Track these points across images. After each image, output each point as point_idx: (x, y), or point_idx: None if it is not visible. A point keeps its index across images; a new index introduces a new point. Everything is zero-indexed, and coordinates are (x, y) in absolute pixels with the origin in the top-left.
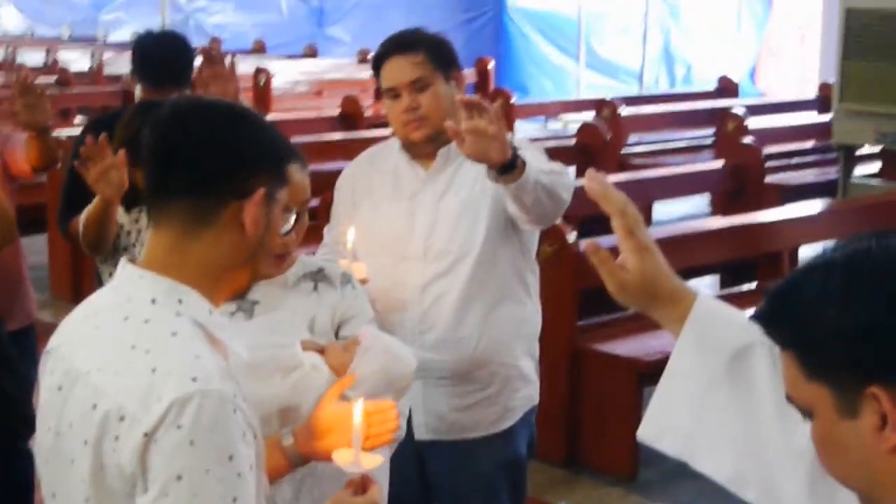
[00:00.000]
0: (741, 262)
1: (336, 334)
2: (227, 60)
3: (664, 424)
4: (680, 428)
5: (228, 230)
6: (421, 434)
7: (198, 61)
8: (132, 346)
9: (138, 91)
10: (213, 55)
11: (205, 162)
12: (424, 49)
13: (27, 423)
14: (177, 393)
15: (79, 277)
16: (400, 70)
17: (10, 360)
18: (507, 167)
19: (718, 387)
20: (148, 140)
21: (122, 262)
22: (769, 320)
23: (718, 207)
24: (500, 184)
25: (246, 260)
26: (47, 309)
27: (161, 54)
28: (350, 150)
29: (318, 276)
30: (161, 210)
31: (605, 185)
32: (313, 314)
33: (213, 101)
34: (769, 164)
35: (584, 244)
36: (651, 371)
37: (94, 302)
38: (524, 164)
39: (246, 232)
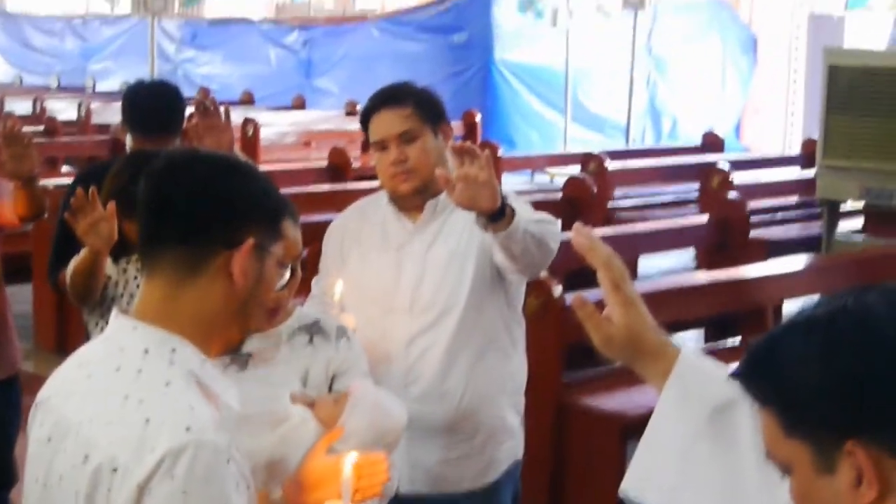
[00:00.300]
0: (726, 316)
1: (330, 387)
2: (222, 111)
3: (647, 479)
4: (664, 482)
5: (218, 280)
6: (405, 487)
7: (189, 111)
8: (125, 396)
9: (129, 140)
10: (208, 106)
11: (195, 211)
12: (413, 102)
13: (6, 474)
14: (171, 443)
15: (63, 328)
16: (388, 123)
17: None
18: (497, 215)
19: (701, 441)
20: (142, 191)
21: (115, 313)
22: (748, 377)
23: (703, 262)
24: (489, 232)
25: (237, 311)
26: (31, 359)
27: (152, 103)
28: (338, 201)
29: (313, 329)
30: (153, 260)
31: (591, 238)
32: (307, 367)
33: (206, 152)
34: (754, 218)
35: (571, 298)
36: (635, 426)
37: (86, 353)
38: (513, 212)
39: (235, 282)
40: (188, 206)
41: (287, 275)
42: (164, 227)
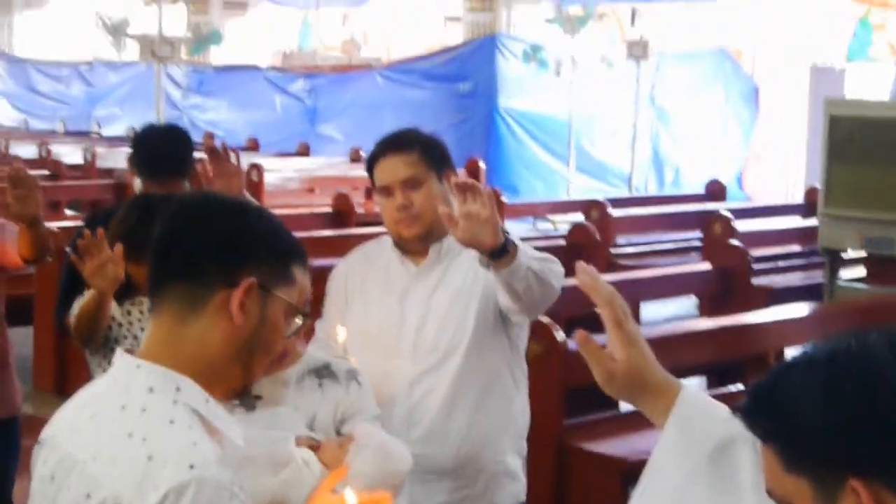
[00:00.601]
0: (728, 363)
1: (338, 431)
2: (233, 157)
3: None
4: None
5: (219, 319)
6: None
7: (199, 155)
8: (129, 434)
9: (138, 183)
10: (219, 150)
11: (194, 249)
12: (418, 148)
13: None
14: (174, 481)
15: (63, 370)
16: (394, 168)
17: None
18: (499, 252)
19: (701, 478)
20: (155, 233)
21: (119, 352)
22: (751, 414)
23: (705, 309)
24: (491, 269)
25: (239, 352)
26: (29, 401)
27: (162, 147)
28: (341, 246)
29: (323, 373)
30: (158, 298)
31: (594, 277)
32: (315, 410)
33: (216, 195)
34: (756, 266)
35: (575, 333)
36: (636, 471)
37: (91, 392)
38: (516, 248)
39: (234, 321)
40: (188, 243)
41: (299, 321)
42: (166, 265)
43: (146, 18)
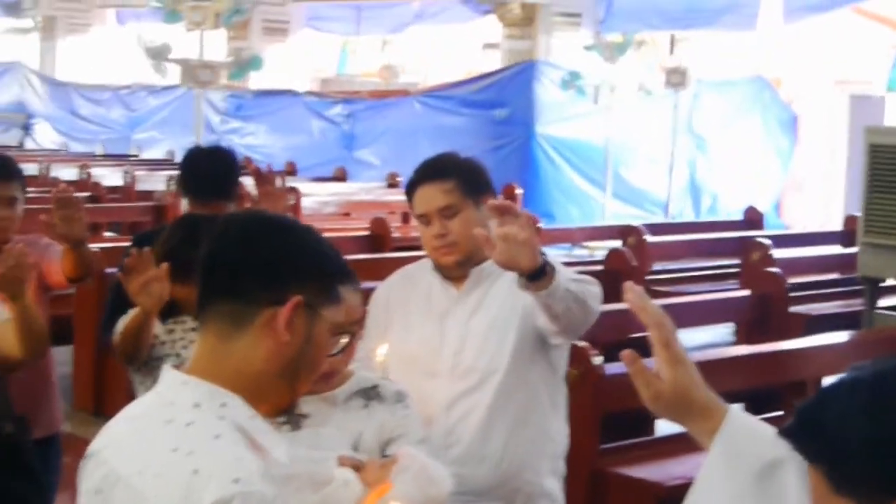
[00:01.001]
0: (766, 390)
1: (383, 452)
2: (278, 180)
3: None
4: None
5: (264, 337)
6: None
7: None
8: (174, 448)
9: (184, 204)
10: (264, 174)
11: (240, 266)
12: (455, 176)
13: None
14: (218, 495)
15: (101, 390)
16: (430, 197)
17: (33, 469)
18: (538, 274)
19: (746, 501)
20: (202, 250)
21: (166, 368)
22: (797, 435)
23: (743, 336)
24: (530, 291)
25: (283, 370)
26: (68, 420)
27: (209, 168)
28: (378, 270)
29: (370, 394)
30: (205, 315)
31: (642, 297)
32: (360, 431)
33: (264, 213)
34: (794, 294)
35: (622, 353)
36: (672, 496)
37: (137, 407)
38: (554, 270)
39: (279, 339)
40: (234, 260)
41: (344, 341)
42: (213, 282)
43: (187, 44)
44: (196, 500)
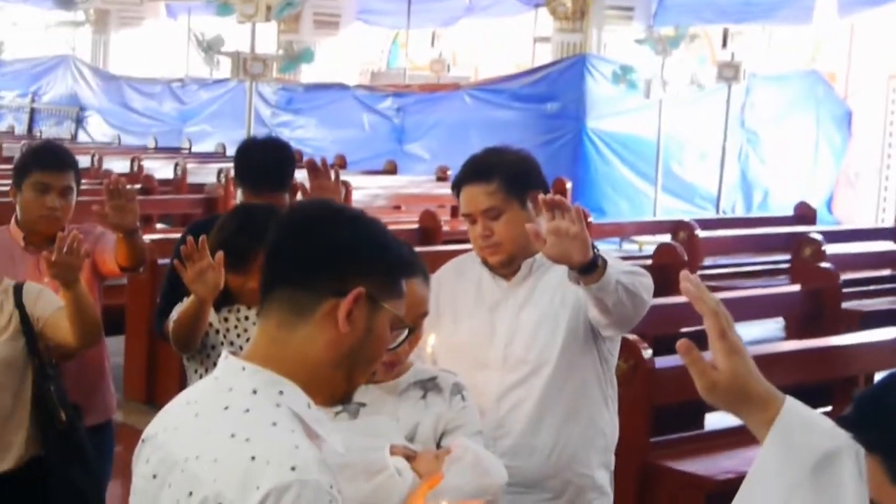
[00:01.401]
0: (816, 386)
1: (439, 444)
2: (332, 173)
3: None
4: None
5: (324, 327)
6: None
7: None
8: (231, 434)
9: (239, 195)
10: (318, 166)
11: (305, 255)
12: (499, 177)
13: None
14: (275, 481)
15: (153, 379)
16: (474, 199)
17: (86, 455)
18: (589, 268)
19: (802, 493)
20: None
21: (224, 354)
22: (855, 424)
23: (793, 332)
24: (581, 285)
25: (342, 360)
26: (120, 410)
27: (264, 159)
28: (428, 263)
29: (428, 385)
30: (266, 303)
31: (699, 286)
32: (417, 422)
33: (332, 203)
34: (846, 290)
35: (678, 343)
36: (721, 491)
37: (195, 392)
38: (605, 263)
39: (340, 330)
40: (299, 249)
41: (403, 335)
42: (277, 269)
43: (239, 36)
44: (253, 487)
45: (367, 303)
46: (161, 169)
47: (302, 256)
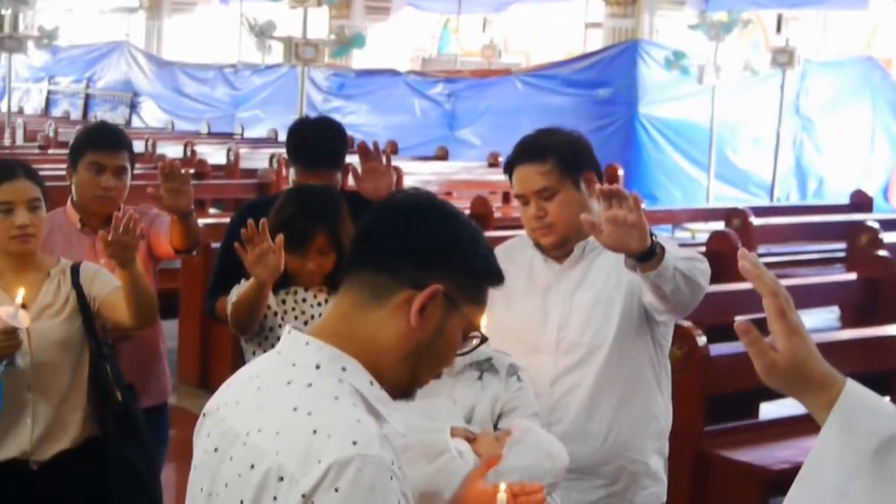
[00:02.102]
0: (874, 374)
1: (496, 425)
2: (383, 158)
3: None
4: None
5: (397, 317)
6: None
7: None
8: (294, 408)
9: (292, 174)
10: (370, 150)
11: (397, 241)
12: (553, 157)
13: (153, 502)
14: (337, 455)
15: (207, 363)
16: (527, 179)
17: (142, 436)
18: (646, 255)
19: (863, 477)
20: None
21: (288, 329)
22: None
23: (849, 321)
24: (638, 273)
25: (408, 354)
26: (174, 393)
27: (317, 137)
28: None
29: (484, 366)
30: (346, 283)
31: (758, 265)
32: (473, 403)
33: (433, 195)
34: None
35: (736, 323)
36: (777, 480)
37: (257, 366)
38: (663, 250)
39: (411, 323)
40: (391, 235)
41: (475, 342)
42: (364, 252)
43: (290, 21)
44: (315, 461)
45: (444, 302)
46: (214, 154)
47: (391, 242)
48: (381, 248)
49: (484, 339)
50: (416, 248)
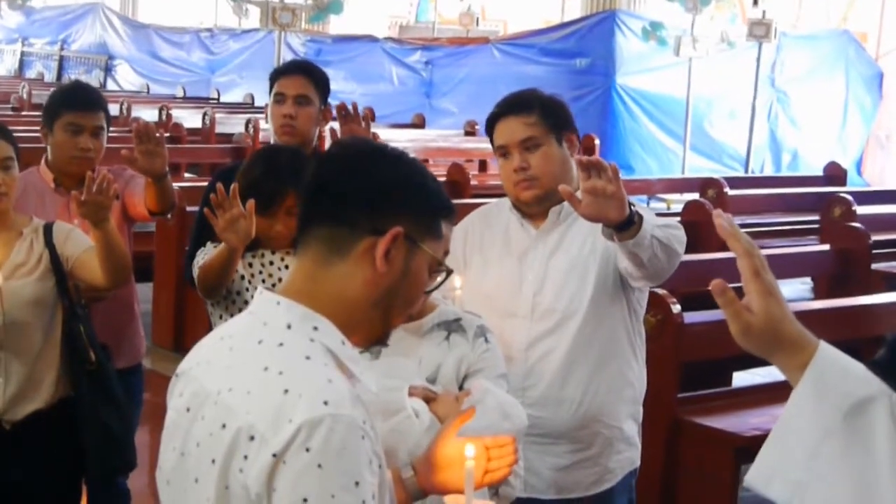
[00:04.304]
0: (845, 344)
1: (461, 386)
2: (362, 120)
3: (775, 471)
4: (790, 476)
5: (362, 265)
6: (519, 491)
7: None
8: (265, 367)
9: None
10: (349, 110)
11: (344, 192)
12: (538, 110)
13: (127, 462)
14: (308, 415)
15: (181, 326)
16: (512, 129)
17: (116, 397)
18: (625, 224)
19: (834, 438)
20: (309, 173)
21: (259, 290)
22: (888, 367)
23: (821, 292)
24: (616, 241)
25: (378, 301)
26: (147, 356)
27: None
28: (457, 215)
29: (452, 326)
30: (304, 240)
31: (733, 225)
32: (438, 363)
33: (373, 141)
34: (875, 251)
35: (712, 283)
36: (749, 446)
37: (229, 327)
38: (640, 219)
39: (377, 269)
40: (341, 186)
41: (440, 279)
42: (315, 208)
43: None
44: (286, 420)
45: (406, 243)
46: (189, 118)
47: (342, 193)
48: (332, 200)
49: (450, 272)
50: (369, 194)
